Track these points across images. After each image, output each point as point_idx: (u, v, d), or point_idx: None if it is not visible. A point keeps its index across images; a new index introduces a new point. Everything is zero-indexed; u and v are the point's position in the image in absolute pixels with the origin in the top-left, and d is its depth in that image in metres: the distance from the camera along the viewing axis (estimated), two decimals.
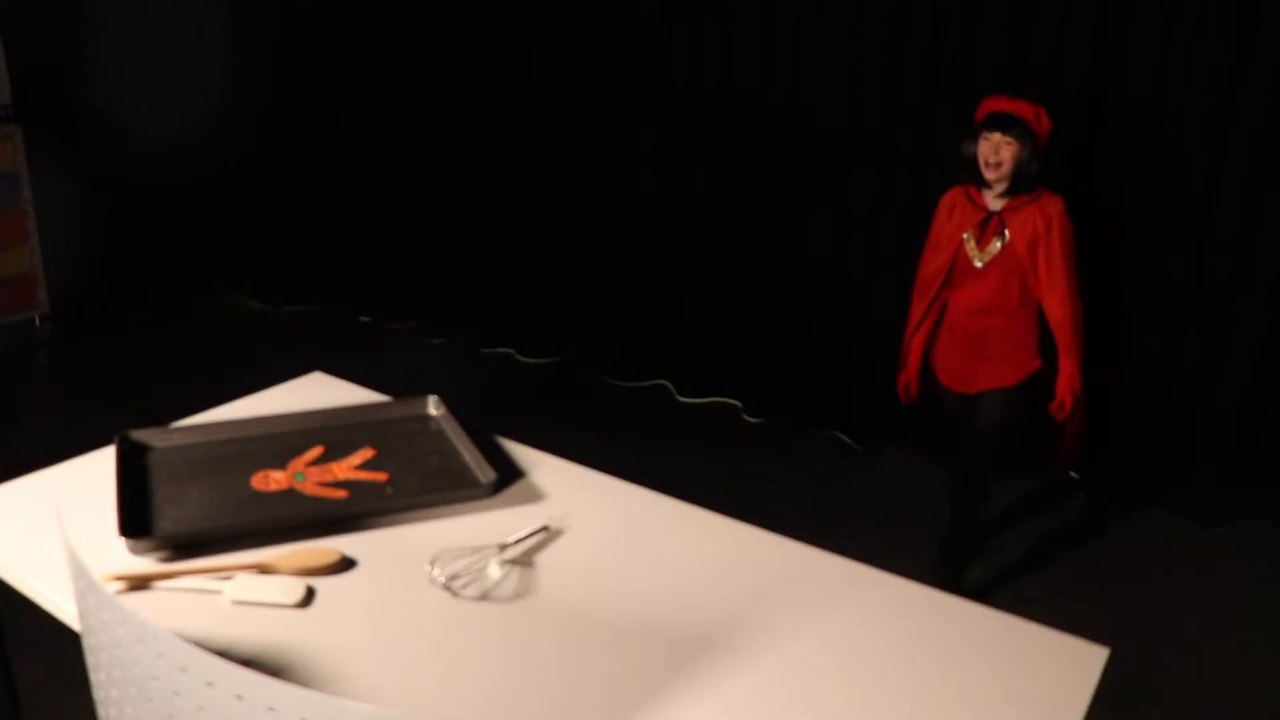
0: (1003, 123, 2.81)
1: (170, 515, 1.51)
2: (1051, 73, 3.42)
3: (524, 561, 1.45)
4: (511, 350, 4.92)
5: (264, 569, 1.39)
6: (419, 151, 4.89)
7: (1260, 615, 3.00)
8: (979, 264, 2.89)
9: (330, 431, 1.78)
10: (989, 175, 2.84)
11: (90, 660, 0.98)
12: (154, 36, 5.24)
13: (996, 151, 2.80)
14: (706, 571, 1.46)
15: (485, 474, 1.63)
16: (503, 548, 1.45)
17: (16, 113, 4.79)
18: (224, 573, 1.38)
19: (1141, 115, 3.34)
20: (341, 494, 1.59)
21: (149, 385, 4.38)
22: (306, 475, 1.63)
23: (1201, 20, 3.17)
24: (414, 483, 1.64)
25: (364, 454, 1.71)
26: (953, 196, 3.03)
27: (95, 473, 1.64)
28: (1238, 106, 3.19)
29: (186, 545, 1.44)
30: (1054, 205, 2.85)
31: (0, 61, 4.73)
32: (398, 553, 1.46)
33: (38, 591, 1.38)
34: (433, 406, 1.88)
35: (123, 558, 1.41)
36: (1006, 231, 2.87)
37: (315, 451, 1.71)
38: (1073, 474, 3.79)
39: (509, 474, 1.69)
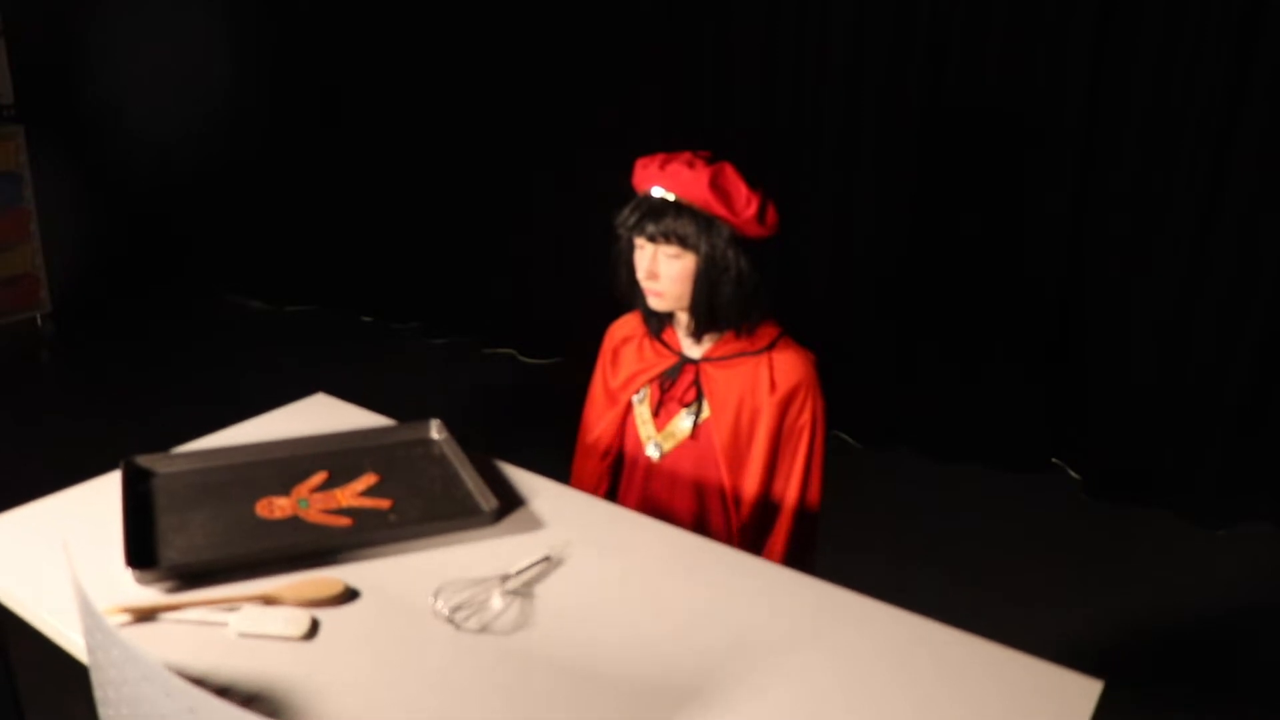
0: (658, 213, 1.63)
1: (175, 544, 1.53)
2: (1052, 79, 3.42)
3: (525, 593, 1.46)
4: (513, 351, 4.93)
5: (269, 600, 1.41)
6: (421, 151, 4.89)
7: (1261, 617, 3.02)
8: (655, 454, 1.75)
9: (333, 456, 1.80)
10: (651, 299, 1.72)
11: (99, 694, 1.00)
12: (155, 36, 5.24)
13: (652, 267, 1.68)
14: (709, 601, 1.47)
15: (488, 501, 1.64)
16: (505, 579, 1.47)
17: (18, 112, 4.79)
18: (229, 604, 1.39)
19: (1143, 116, 3.34)
20: (345, 521, 1.61)
21: (151, 385, 4.40)
22: (310, 502, 1.65)
23: (1203, 24, 3.16)
24: (417, 509, 1.65)
25: (367, 479, 1.73)
26: (627, 326, 1.89)
27: (100, 499, 1.65)
28: (1240, 107, 3.19)
29: (192, 575, 1.46)
30: (797, 367, 1.67)
31: (2, 61, 4.73)
32: (401, 583, 1.47)
33: (45, 622, 1.39)
34: (435, 430, 1.89)
35: (128, 586, 1.43)
36: (704, 402, 1.71)
37: (319, 477, 1.73)
38: (1072, 473, 3.81)
39: (510, 500, 1.70)
